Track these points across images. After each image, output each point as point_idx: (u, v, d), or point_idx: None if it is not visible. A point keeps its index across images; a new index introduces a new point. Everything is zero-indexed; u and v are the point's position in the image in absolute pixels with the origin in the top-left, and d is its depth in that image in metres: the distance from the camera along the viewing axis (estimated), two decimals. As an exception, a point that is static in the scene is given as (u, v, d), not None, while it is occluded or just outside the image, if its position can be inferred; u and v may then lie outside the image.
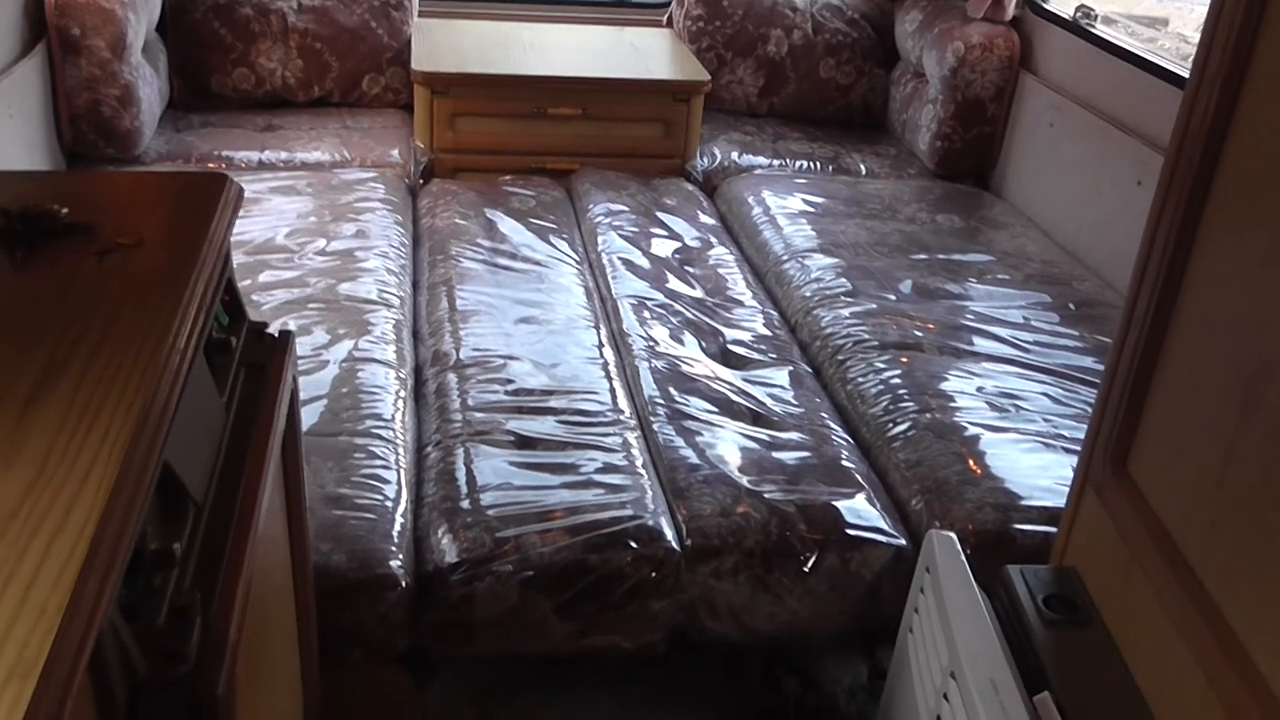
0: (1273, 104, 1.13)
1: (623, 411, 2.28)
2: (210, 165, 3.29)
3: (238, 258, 2.67)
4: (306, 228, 2.90)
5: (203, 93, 3.63)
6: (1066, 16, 3.42)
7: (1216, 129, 1.20)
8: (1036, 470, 2.14)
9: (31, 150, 2.98)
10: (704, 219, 3.29)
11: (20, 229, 1.20)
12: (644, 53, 3.82)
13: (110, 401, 0.95)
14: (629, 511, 1.97)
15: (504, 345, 2.47)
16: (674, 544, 1.95)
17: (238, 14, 3.59)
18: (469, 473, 2.04)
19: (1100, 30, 3.30)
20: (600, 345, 2.53)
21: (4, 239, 1.19)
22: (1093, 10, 3.36)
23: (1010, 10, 3.59)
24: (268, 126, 3.54)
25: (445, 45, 3.68)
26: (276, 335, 1.46)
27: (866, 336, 2.58)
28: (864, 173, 3.70)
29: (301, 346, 2.31)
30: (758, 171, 3.64)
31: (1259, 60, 1.15)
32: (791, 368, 2.51)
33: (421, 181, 3.43)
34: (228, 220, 1.31)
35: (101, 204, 1.32)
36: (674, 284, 2.85)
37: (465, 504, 1.97)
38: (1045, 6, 3.57)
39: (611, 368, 2.44)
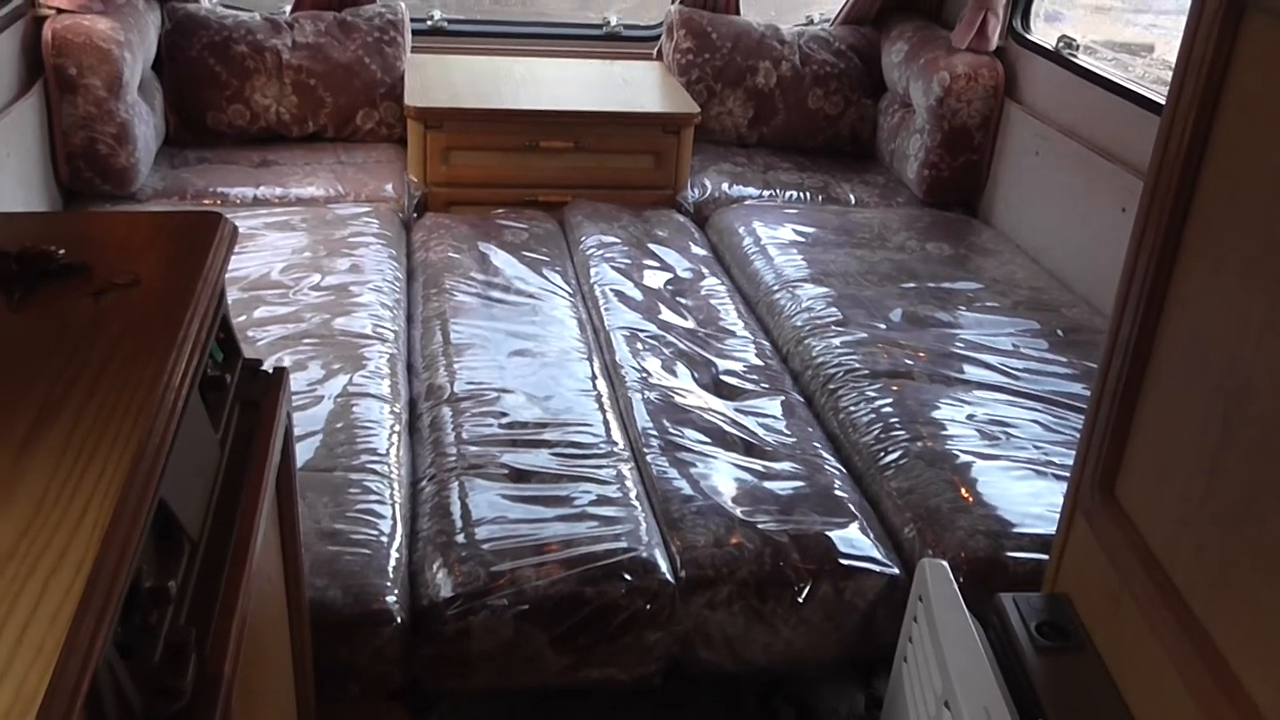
0: (1247, 128, 1.15)
1: (616, 443, 2.29)
2: (205, 202, 3.31)
3: (233, 294, 2.70)
4: (301, 263, 2.92)
5: (198, 129, 3.66)
6: (1049, 46, 3.46)
7: (1193, 154, 1.21)
8: (1028, 497, 2.15)
9: (28, 189, 3.00)
10: (695, 250, 3.32)
11: (18, 270, 1.21)
12: (634, 85, 3.86)
13: (106, 441, 0.96)
14: (623, 544, 1.98)
15: (498, 378, 2.48)
16: (668, 575, 1.95)
17: (232, 51, 3.62)
18: (463, 506, 2.05)
19: (1082, 60, 3.34)
20: (593, 377, 2.54)
21: (2, 280, 1.20)
22: (1074, 40, 3.41)
23: (994, 40, 3.64)
24: (263, 162, 3.57)
25: (438, 80, 3.72)
26: (271, 372, 1.47)
27: (858, 365, 2.60)
28: (853, 202, 3.73)
29: (297, 382, 2.32)
30: (748, 202, 3.67)
31: (1232, 86, 1.17)
32: (784, 397, 2.52)
33: (415, 215, 3.45)
34: (222, 259, 1.32)
35: (98, 244, 1.33)
36: (666, 315, 2.87)
37: (460, 538, 1.97)
38: (1028, 37, 3.61)
39: (605, 400, 2.45)
